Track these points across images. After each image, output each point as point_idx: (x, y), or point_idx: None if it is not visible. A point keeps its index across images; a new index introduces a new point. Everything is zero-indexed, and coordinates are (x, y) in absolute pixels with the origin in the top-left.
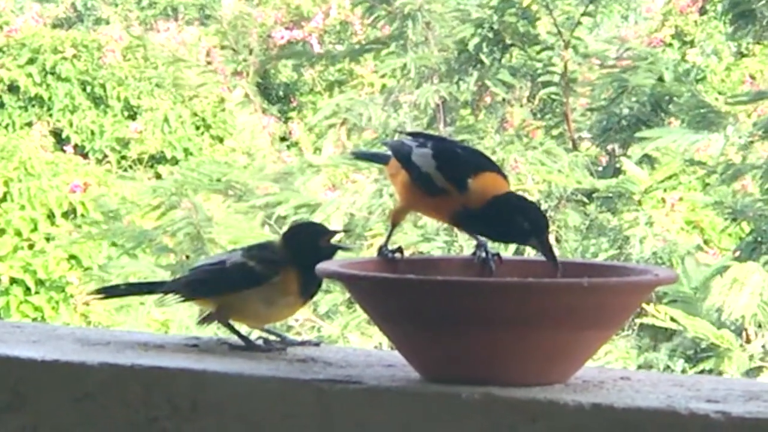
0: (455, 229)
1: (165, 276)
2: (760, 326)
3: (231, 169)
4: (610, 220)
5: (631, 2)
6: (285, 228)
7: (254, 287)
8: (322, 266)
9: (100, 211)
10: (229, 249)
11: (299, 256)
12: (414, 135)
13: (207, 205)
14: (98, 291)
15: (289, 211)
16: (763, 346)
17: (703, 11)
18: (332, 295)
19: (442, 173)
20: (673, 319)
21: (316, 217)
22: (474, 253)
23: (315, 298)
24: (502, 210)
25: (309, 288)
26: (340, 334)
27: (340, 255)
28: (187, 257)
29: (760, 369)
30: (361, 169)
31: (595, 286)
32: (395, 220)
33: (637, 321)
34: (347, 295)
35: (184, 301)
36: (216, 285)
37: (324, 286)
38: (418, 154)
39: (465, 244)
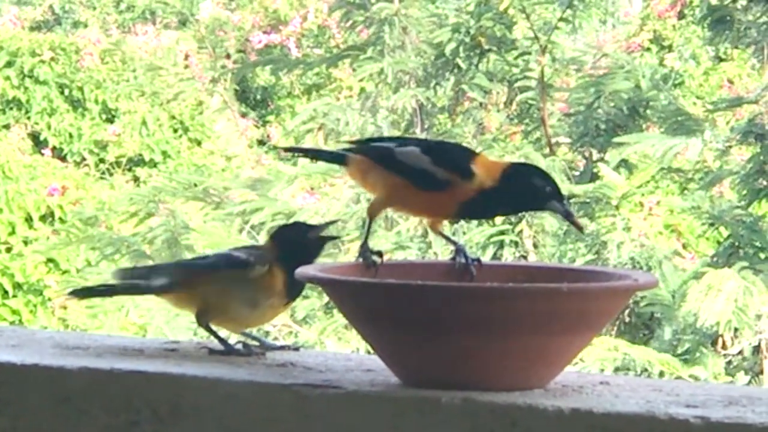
0: (430, 236)
1: None
2: (736, 331)
3: (208, 175)
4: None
5: (609, 6)
6: (265, 232)
7: (238, 269)
8: (302, 271)
9: (77, 218)
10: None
11: (288, 253)
12: (356, 142)
13: (185, 209)
14: (76, 291)
15: (266, 218)
16: (740, 352)
17: (681, 16)
18: (309, 301)
19: (440, 166)
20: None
21: None
22: (453, 258)
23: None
24: (519, 179)
25: (293, 290)
26: (317, 339)
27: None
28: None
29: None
30: (337, 172)
31: (575, 291)
32: (372, 214)
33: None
34: (324, 300)
35: (162, 290)
36: (197, 268)
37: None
38: (403, 153)
39: (440, 251)
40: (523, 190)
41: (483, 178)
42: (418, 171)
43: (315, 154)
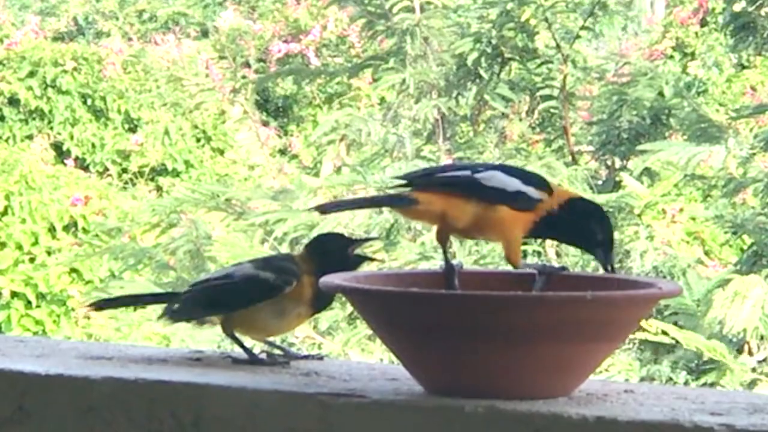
0: (454, 246)
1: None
2: (762, 338)
3: (230, 184)
4: None
5: (630, 14)
6: (287, 244)
7: (266, 299)
8: (327, 280)
9: (100, 229)
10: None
11: (324, 266)
12: (406, 177)
13: (207, 219)
14: (100, 302)
15: (288, 230)
16: (766, 359)
17: (703, 23)
18: (333, 312)
19: (533, 186)
20: (665, 333)
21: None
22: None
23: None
24: (579, 213)
25: (322, 300)
26: (341, 350)
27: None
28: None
29: (755, 381)
30: (361, 183)
31: (600, 299)
32: (443, 241)
33: (638, 335)
34: (348, 311)
35: (186, 320)
36: (225, 301)
37: None
38: (486, 178)
39: (464, 261)
40: (579, 226)
41: (557, 200)
42: (513, 193)
43: (365, 203)
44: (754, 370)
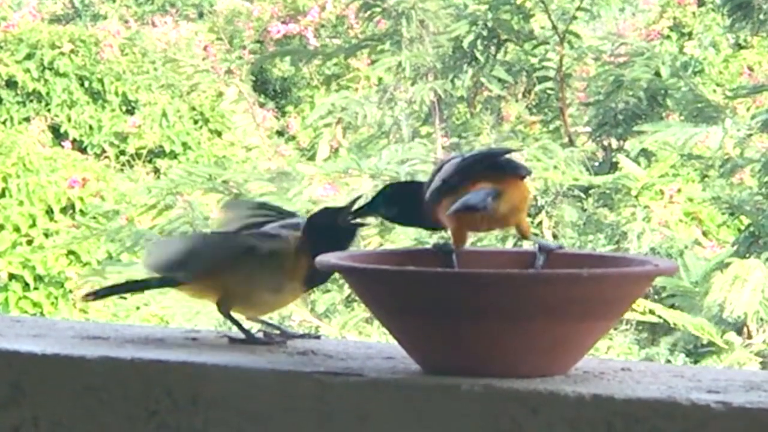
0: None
1: None
2: (762, 321)
3: (228, 167)
4: (607, 216)
5: None
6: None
7: (266, 244)
8: (322, 259)
9: (97, 212)
10: None
11: (318, 242)
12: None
13: (204, 200)
14: (97, 292)
15: None
16: (764, 341)
17: (701, 3)
18: (330, 295)
19: None
20: (652, 312)
21: None
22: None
23: (313, 297)
24: None
25: (316, 276)
26: (338, 333)
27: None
28: None
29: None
30: (355, 168)
31: (595, 276)
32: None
33: (635, 317)
34: (345, 294)
35: (178, 285)
36: (213, 254)
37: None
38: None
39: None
40: None
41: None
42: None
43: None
44: (759, 353)
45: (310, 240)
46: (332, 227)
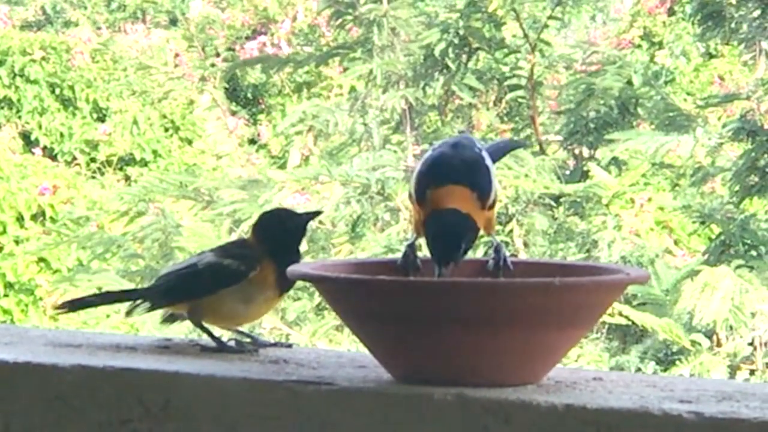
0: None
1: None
2: (731, 329)
3: (199, 174)
4: (578, 224)
5: (598, 3)
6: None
7: (232, 285)
8: (294, 269)
9: (68, 218)
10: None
11: (274, 244)
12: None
13: (175, 208)
14: (66, 304)
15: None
16: (733, 349)
17: (671, 12)
18: (300, 303)
19: None
20: (621, 314)
21: None
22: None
23: (283, 305)
24: None
25: (286, 280)
26: (308, 341)
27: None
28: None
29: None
30: (326, 176)
31: (567, 285)
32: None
33: (606, 323)
34: (315, 302)
35: (154, 309)
36: (191, 289)
37: (292, 293)
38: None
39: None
40: None
41: None
42: None
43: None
44: (734, 356)
45: (267, 243)
46: (285, 227)
